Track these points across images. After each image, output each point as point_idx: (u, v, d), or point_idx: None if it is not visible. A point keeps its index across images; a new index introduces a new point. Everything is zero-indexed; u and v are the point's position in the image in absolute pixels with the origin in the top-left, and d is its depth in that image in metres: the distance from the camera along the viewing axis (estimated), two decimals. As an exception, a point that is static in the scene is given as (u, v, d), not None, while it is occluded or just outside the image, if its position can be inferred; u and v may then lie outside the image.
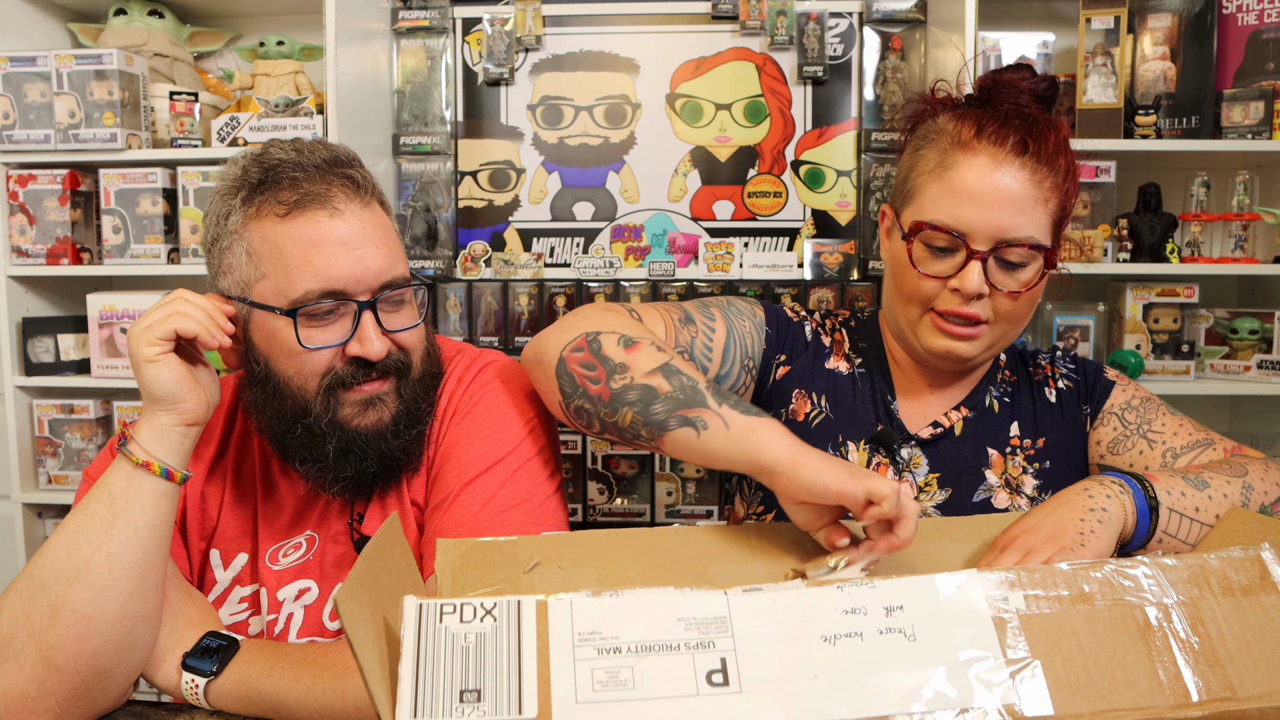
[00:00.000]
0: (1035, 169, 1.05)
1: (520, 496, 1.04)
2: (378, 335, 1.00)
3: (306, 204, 0.98)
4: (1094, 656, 0.67)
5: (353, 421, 1.01)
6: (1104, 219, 2.03)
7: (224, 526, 1.11)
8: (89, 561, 0.90)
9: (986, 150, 1.06)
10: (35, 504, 2.13)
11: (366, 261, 0.99)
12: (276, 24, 2.25)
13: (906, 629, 0.68)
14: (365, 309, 0.99)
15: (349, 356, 1.00)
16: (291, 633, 1.07)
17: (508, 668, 0.65)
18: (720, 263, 2.16)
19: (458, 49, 2.22)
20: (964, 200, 1.05)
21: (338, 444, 1.01)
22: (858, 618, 0.68)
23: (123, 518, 0.92)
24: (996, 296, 1.07)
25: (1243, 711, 0.66)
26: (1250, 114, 1.97)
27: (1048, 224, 1.07)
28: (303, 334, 0.98)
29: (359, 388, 1.01)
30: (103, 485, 0.93)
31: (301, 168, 0.99)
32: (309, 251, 0.97)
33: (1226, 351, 2.07)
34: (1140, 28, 2.05)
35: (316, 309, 0.98)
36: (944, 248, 1.07)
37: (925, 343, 1.12)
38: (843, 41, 2.17)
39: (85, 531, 0.91)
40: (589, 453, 2.20)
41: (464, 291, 2.20)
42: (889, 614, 0.68)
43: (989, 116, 1.08)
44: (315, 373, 1.00)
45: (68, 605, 0.89)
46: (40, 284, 2.16)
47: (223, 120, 2.04)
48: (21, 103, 2.02)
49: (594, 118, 2.21)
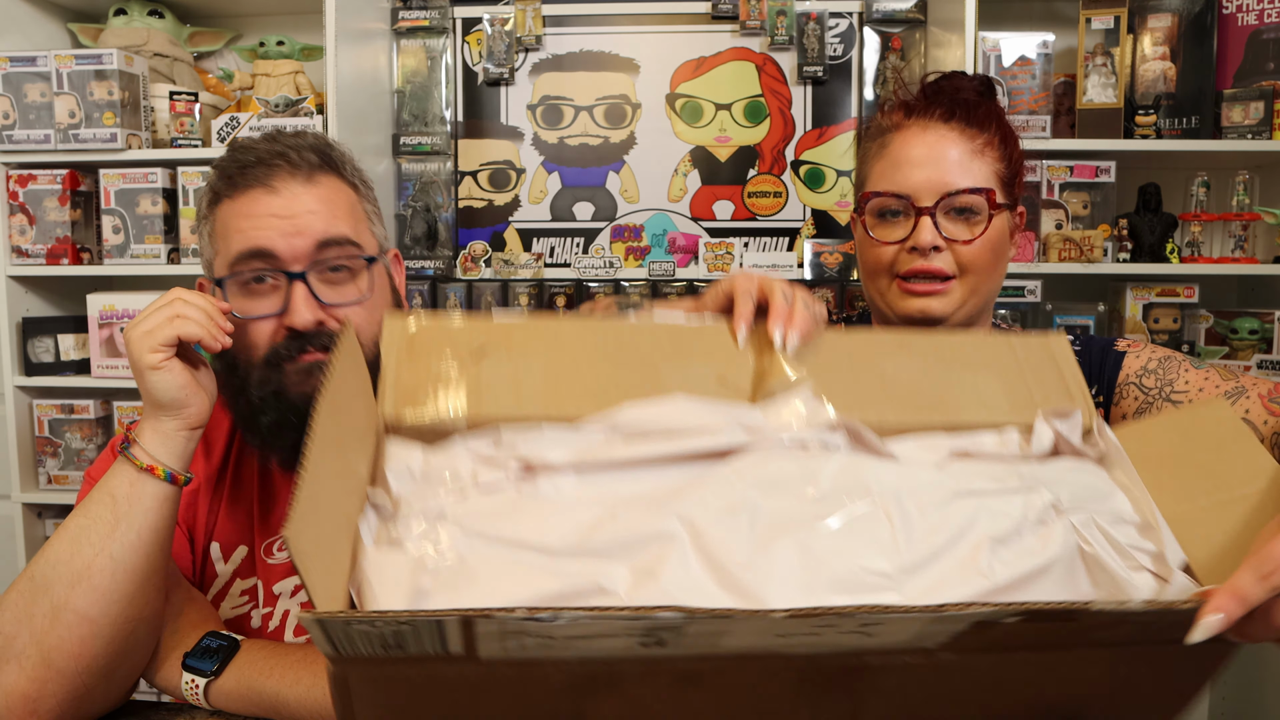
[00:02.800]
0: (964, 129, 1.11)
1: None
2: (308, 306, 1.01)
3: (250, 184, 1.02)
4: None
5: (291, 390, 1.02)
6: (1104, 219, 2.03)
7: (223, 519, 1.11)
8: (91, 565, 0.90)
9: (917, 122, 1.12)
10: (35, 504, 2.13)
11: (301, 231, 1.01)
12: (276, 24, 2.25)
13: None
14: (295, 279, 1.01)
15: (286, 330, 1.02)
16: (288, 629, 1.07)
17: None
18: (720, 263, 2.16)
19: (458, 49, 2.22)
20: (903, 166, 1.11)
21: (272, 415, 1.02)
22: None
23: (125, 521, 0.91)
24: (955, 248, 1.10)
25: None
26: (1250, 114, 1.97)
27: (990, 175, 1.11)
28: (235, 303, 1.01)
29: (300, 358, 1.02)
30: (104, 488, 0.93)
31: (253, 151, 1.04)
32: (243, 222, 1.01)
33: (1226, 351, 2.07)
34: (1140, 28, 2.05)
35: (243, 276, 1.01)
36: (894, 211, 1.12)
37: (898, 308, 1.13)
38: (843, 41, 2.17)
39: (88, 534, 0.91)
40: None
41: (464, 291, 2.20)
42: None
43: (918, 99, 1.15)
44: (257, 346, 1.02)
45: (70, 608, 0.89)
46: (40, 284, 2.16)
47: (223, 120, 2.04)
48: (21, 103, 2.02)
49: (594, 118, 2.21)
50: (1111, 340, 1.18)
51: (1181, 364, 1.10)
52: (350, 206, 1.08)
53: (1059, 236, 1.98)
